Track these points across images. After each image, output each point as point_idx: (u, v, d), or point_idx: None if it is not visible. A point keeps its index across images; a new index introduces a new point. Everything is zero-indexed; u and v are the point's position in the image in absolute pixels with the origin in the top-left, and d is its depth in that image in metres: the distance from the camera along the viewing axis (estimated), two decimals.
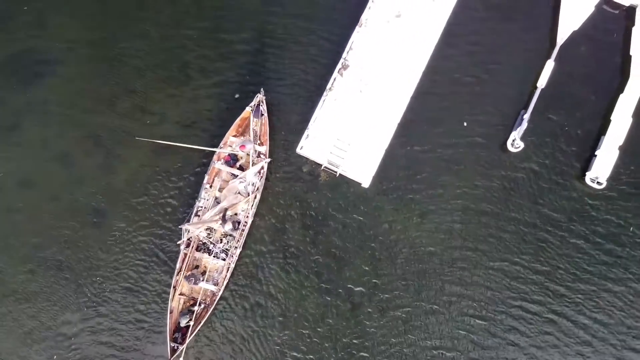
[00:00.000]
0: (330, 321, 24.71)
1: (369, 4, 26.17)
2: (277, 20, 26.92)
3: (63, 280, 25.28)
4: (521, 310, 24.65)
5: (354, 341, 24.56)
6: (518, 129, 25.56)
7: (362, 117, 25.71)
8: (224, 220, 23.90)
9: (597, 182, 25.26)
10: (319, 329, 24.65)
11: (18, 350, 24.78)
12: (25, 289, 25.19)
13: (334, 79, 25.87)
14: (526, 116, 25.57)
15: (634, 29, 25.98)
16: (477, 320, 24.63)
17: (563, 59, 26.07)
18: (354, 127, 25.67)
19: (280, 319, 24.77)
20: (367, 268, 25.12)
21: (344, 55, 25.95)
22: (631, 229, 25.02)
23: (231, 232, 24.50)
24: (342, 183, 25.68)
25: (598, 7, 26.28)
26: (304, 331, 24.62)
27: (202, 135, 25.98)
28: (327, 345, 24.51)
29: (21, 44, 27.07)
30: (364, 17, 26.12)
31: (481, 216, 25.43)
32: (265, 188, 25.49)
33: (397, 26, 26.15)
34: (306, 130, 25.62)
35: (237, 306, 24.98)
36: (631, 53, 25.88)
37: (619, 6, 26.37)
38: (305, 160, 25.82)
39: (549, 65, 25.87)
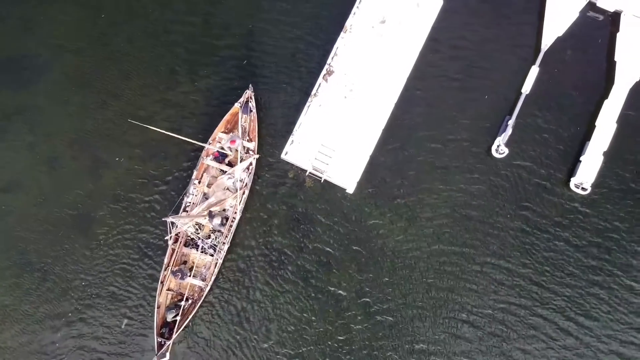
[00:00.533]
0: (316, 325, 24.71)
1: (354, 10, 26.24)
2: (264, 26, 27.04)
3: (47, 283, 25.25)
4: (507, 313, 24.64)
5: (340, 345, 24.55)
6: (503, 134, 25.58)
7: (347, 122, 25.74)
8: (210, 216, 23.98)
9: (582, 188, 25.24)
10: (305, 336, 24.64)
11: None
12: (10, 293, 25.26)
13: (319, 85, 25.92)
14: (511, 122, 25.59)
15: (618, 35, 25.99)
16: (463, 324, 24.61)
17: (548, 65, 26.10)
18: (338, 132, 25.71)
19: (266, 322, 24.76)
20: (353, 272, 25.12)
21: (328, 61, 26.00)
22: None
23: (219, 228, 24.60)
24: (328, 188, 25.71)
25: (582, 13, 26.31)
26: (289, 335, 24.61)
27: (190, 133, 26.07)
28: (312, 348, 24.51)
29: (9, 48, 27.18)
30: (348, 23, 26.18)
31: (467, 220, 25.44)
32: (251, 192, 25.54)
33: (381, 32, 26.21)
34: (291, 136, 25.66)
35: (223, 311, 24.96)
36: (616, 59, 25.89)
37: (603, 12, 26.40)
38: (291, 166, 25.87)
39: (534, 71, 25.90)
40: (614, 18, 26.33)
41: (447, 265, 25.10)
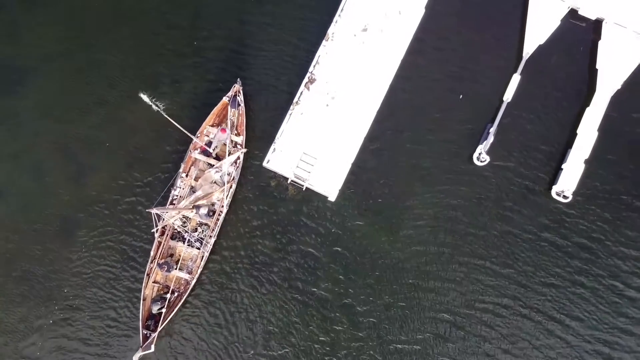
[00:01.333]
0: (302, 329, 24.78)
1: (336, 18, 26.25)
2: (251, 29, 27.02)
3: (32, 289, 25.27)
4: (493, 315, 24.79)
5: (325, 348, 24.59)
6: (484, 142, 25.59)
7: (329, 131, 25.76)
8: (197, 207, 24.21)
9: (563, 196, 25.26)
10: (291, 338, 24.73)
11: None
12: None
13: (301, 93, 25.93)
14: (492, 130, 25.61)
15: (600, 43, 26.01)
16: (450, 328, 24.71)
17: (529, 73, 26.12)
18: (320, 140, 25.72)
19: (250, 325, 24.83)
20: (337, 275, 25.18)
21: (310, 69, 26.02)
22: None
23: (206, 220, 24.74)
24: (311, 195, 25.72)
25: (564, 21, 26.32)
26: (273, 337, 24.70)
27: (174, 139, 26.03)
28: (296, 349, 24.60)
29: None
30: (330, 31, 26.19)
31: (450, 225, 25.54)
32: (235, 198, 25.54)
33: (363, 40, 26.23)
34: (273, 144, 25.68)
35: (208, 315, 25.03)
36: (597, 67, 25.92)
37: (585, 20, 26.41)
38: (274, 173, 25.88)
39: (515, 79, 25.92)
40: (596, 26, 26.34)
41: (430, 270, 25.20)
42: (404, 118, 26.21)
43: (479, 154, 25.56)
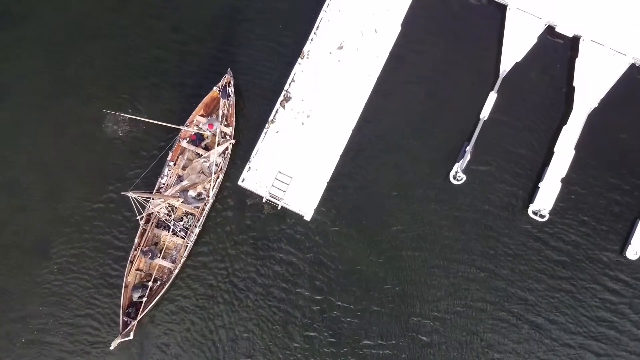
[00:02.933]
0: (281, 346, 24.74)
1: (311, 36, 26.09)
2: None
3: (6, 310, 25.16)
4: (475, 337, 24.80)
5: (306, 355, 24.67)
6: (461, 161, 25.44)
7: (304, 149, 25.61)
8: (184, 191, 24.39)
9: (540, 215, 25.12)
10: (272, 349, 24.77)
11: None
12: None
13: (276, 111, 25.78)
14: (469, 148, 25.45)
15: (577, 60, 25.86)
16: (428, 334, 24.77)
17: (506, 91, 25.96)
18: (296, 159, 25.58)
19: (231, 344, 24.74)
20: (314, 289, 25.11)
21: (285, 87, 25.87)
22: None
23: (195, 204, 24.73)
24: (287, 214, 25.57)
25: (541, 38, 26.15)
26: (257, 348, 24.74)
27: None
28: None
29: None
30: (306, 48, 26.04)
31: (428, 243, 25.40)
32: (211, 216, 25.37)
33: (339, 58, 26.08)
34: (248, 163, 25.53)
35: (187, 334, 24.91)
36: (575, 84, 25.76)
37: (562, 37, 26.25)
38: (250, 192, 25.73)
39: (492, 97, 25.76)
40: (573, 43, 26.17)
41: (410, 288, 25.11)
42: (380, 136, 26.05)
43: (456, 172, 25.41)
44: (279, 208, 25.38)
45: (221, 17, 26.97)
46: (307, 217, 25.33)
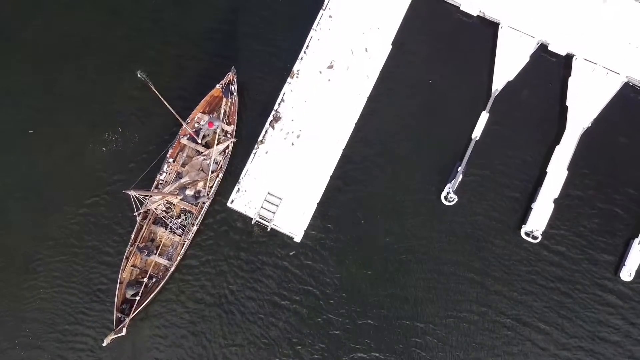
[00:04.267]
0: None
1: (301, 55, 25.78)
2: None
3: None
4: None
5: None
6: (452, 181, 25.12)
7: (294, 170, 25.29)
8: (182, 189, 24.14)
9: (533, 237, 24.80)
10: None
11: None
12: None
13: (265, 131, 25.48)
14: (461, 168, 25.14)
15: (570, 79, 25.56)
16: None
17: (498, 110, 25.66)
18: (285, 180, 25.25)
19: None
20: (305, 308, 24.84)
21: (275, 107, 25.57)
22: None
23: (192, 202, 24.48)
24: (277, 236, 25.25)
25: (534, 57, 25.83)
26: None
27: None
28: None
29: None
30: (295, 68, 25.73)
31: (420, 264, 25.10)
32: (200, 233, 25.11)
33: (329, 77, 25.76)
34: (237, 184, 25.21)
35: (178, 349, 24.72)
36: (567, 103, 25.45)
37: (555, 55, 25.94)
38: (239, 213, 25.40)
39: (484, 117, 25.45)
40: (566, 62, 25.86)
41: (402, 310, 24.80)
42: (371, 156, 25.75)
43: (447, 193, 25.10)
44: (268, 230, 25.06)
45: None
46: (297, 238, 25.01)
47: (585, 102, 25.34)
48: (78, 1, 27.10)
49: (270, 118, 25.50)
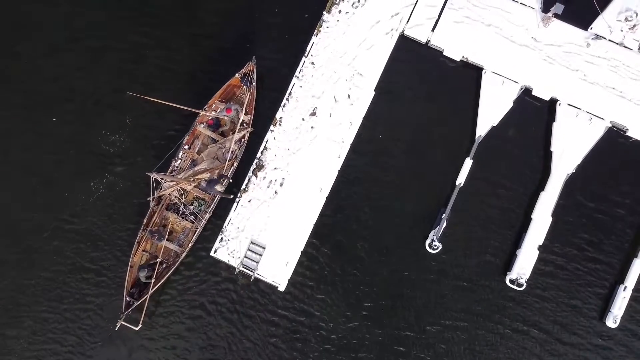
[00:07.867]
0: None
1: (284, 102, 25.62)
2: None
3: None
4: None
5: None
6: (437, 228, 25.00)
7: (277, 218, 25.13)
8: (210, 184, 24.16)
9: (517, 284, 24.69)
10: None
11: None
12: None
13: (248, 180, 25.31)
14: (445, 215, 25.02)
15: (554, 125, 25.42)
16: None
17: (482, 156, 25.49)
18: (269, 229, 25.09)
19: None
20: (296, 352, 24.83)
21: (258, 155, 25.40)
22: None
23: (212, 190, 24.40)
24: (262, 285, 25.11)
25: (518, 102, 25.65)
26: None
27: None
28: None
29: None
30: (278, 115, 25.56)
31: (404, 310, 25.08)
32: (180, 281, 24.99)
33: (312, 124, 25.59)
34: (220, 233, 25.05)
35: None
36: (552, 149, 25.33)
37: (539, 100, 25.80)
38: (223, 263, 25.24)
39: (468, 163, 25.31)
40: (550, 106, 25.72)
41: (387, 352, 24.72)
42: (354, 202, 25.61)
43: (431, 240, 24.97)
44: (252, 279, 24.90)
45: None
46: (281, 287, 24.87)
47: (570, 147, 25.21)
48: None
49: (253, 166, 25.34)
